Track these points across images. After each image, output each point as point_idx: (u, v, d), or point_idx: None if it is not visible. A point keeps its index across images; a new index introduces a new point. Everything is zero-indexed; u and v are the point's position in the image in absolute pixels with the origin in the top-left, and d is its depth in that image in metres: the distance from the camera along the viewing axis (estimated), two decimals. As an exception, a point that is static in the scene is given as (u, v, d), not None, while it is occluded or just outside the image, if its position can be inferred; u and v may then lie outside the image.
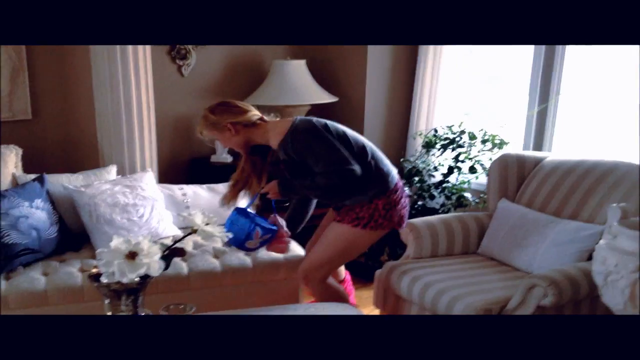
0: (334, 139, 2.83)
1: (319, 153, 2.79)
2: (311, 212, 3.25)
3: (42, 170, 3.45)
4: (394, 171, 3.02)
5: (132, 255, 2.04)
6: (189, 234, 2.34)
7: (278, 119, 3.10)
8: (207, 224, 2.32)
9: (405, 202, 3.07)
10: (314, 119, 2.94)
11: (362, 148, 2.91)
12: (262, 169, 3.08)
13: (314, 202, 3.23)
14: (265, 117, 3.02)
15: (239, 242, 2.91)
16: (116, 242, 2.06)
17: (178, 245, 2.38)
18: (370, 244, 3.16)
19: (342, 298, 3.13)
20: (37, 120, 3.88)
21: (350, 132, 2.95)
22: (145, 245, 2.06)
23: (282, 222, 3.06)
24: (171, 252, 2.28)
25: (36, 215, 3.00)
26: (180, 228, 3.45)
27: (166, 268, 2.14)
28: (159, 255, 2.08)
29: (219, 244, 3.35)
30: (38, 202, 3.06)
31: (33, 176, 3.29)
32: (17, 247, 2.87)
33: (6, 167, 3.33)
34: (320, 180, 2.81)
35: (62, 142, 3.99)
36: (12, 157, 3.40)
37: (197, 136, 3.12)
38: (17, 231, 2.89)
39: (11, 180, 3.32)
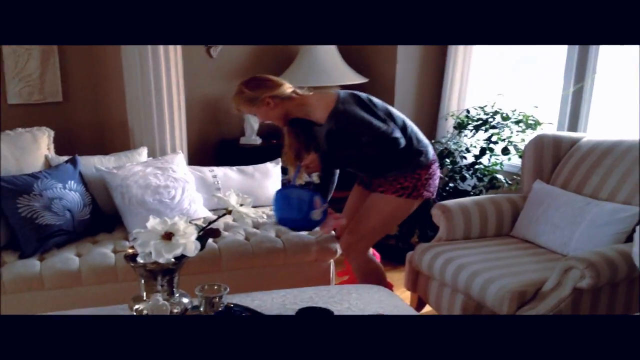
0: (379, 111, 2.91)
1: (368, 123, 2.84)
2: (334, 186, 3.26)
3: (74, 152, 3.47)
4: (429, 144, 3.12)
5: (168, 236, 2.04)
6: (224, 214, 2.34)
7: (311, 93, 3.07)
8: (241, 205, 2.32)
9: (438, 172, 3.19)
10: (357, 92, 2.99)
11: (403, 123, 2.99)
12: (307, 141, 3.09)
13: (337, 176, 3.24)
14: (299, 91, 3.02)
15: (303, 215, 2.88)
16: (152, 222, 2.06)
17: (212, 226, 2.39)
18: (408, 214, 3.16)
19: (381, 274, 3.25)
20: (68, 103, 3.90)
21: (390, 107, 3.02)
22: (181, 225, 2.05)
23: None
24: (206, 233, 2.28)
25: (69, 196, 3.02)
26: (211, 210, 3.45)
27: (202, 249, 2.13)
28: (195, 235, 2.07)
29: (249, 227, 3.34)
30: (71, 183, 3.08)
31: (65, 158, 3.30)
32: (52, 228, 2.88)
33: (39, 148, 3.34)
34: (368, 150, 2.88)
35: (93, 124, 4.01)
36: (45, 139, 3.41)
37: (234, 112, 3.17)
38: (51, 212, 2.90)
39: (44, 162, 3.33)
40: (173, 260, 2.07)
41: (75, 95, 3.93)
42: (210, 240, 3.14)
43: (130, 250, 2.18)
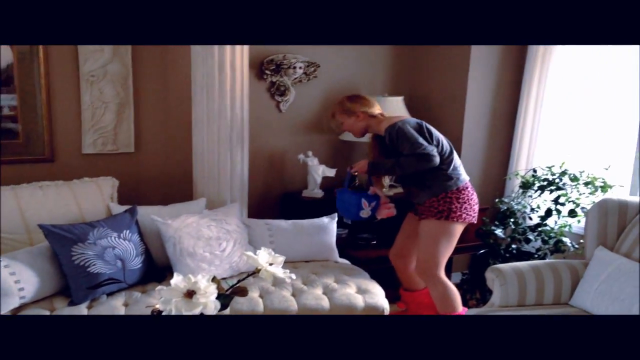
0: (423, 135, 3.36)
1: (413, 139, 3.30)
2: None
3: (139, 202, 3.60)
4: (463, 175, 3.49)
5: (189, 294, 2.06)
6: (252, 273, 2.34)
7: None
8: (271, 264, 2.32)
9: (476, 199, 3.52)
10: (421, 121, 3.49)
11: (449, 151, 3.43)
12: (381, 152, 3.64)
13: None
14: (384, 113, 3.65)
15: (353, 215, 3.58)
16: (176, 279, 2.08)
17: (241, 284, 2.39)
18: (455, 236, 3.48)
19: (456, 297, 3.52)
20: (139, 154, 4.05)
21: (438, 135, 3.45)
22: (202, 284, 2.07)
23: (380, 192, 3.65)
24: (233, 292, 2.29)
25: (123, 245, 3.11)
26: (263, 263, 3.46)
27: (224, 308, 2.14)
28: (215, 294, 2.08)
29: (299, 282, 3.34)
30: (126, 233, 3.17)
31: (126, 207, 3.42)
32: (102, 277, 2.97)
33: (102, 197, 3.49)
34: (402, 160, 3.32)
35: (161, 174, 4.14)
36: (108, 189, 3.56)
37: (327, 120, 3.82)
38: (102, 261, 2.99)
39: (105, 210, 3.47)
40: (197, 318, 2.09)
41: (146, 146, 4.07)
42: (256, 295, 3.16)
43: (157, 306, 2.22)
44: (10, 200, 3.26)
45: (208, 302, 2.06)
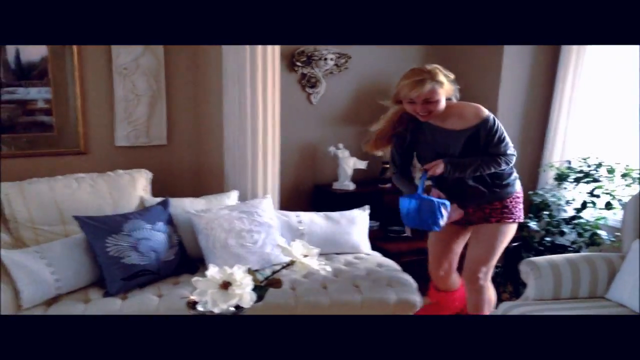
0: None
1: (505, 137, 3.02)
2: None
3: (172, 194, 3.62)
4: None
5: (225, 285, 2.07)
6: (287, 265, 2.34)
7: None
8: (305, 256, 2.32)
9: None
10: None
11: None
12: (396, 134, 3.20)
13: None
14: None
15: (430, 225, 3.00)
16: (212, 271, 2.09)
17: (276, 276, 2.39)
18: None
19: (492, 306, 3.31)
20: (171, 146, 4.08)
21: None
22: (238, 275, 2.07)
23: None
24: (268, 284, 2.29)
25: (156, 237, 3.13)
26: (294, 255, 3.46)
27: (259, 300, 2.14)
28: (251, 286, 2.09)
29: (330, 274, 3.32)
30: (160, 225, 3.20)
31: (159, 199, 3.45)
32: (136, 268, 3.00)
33: (135, 189, 3.52)
34: (490, 159, 3.00)
35: (193, 166, 4.17)
36: (142, 181, 3.59)
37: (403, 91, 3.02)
38: (137, 252, 3.03)
39: (139, 202, 3.50)
40: (233, 309, 2.10)
41: (178, 138, 4.10)
42: (287, 288, 3.16)
43: (192, 297, 2.23)
44: (45, 192, 3.30)
45: (244, 294, 2.06)
